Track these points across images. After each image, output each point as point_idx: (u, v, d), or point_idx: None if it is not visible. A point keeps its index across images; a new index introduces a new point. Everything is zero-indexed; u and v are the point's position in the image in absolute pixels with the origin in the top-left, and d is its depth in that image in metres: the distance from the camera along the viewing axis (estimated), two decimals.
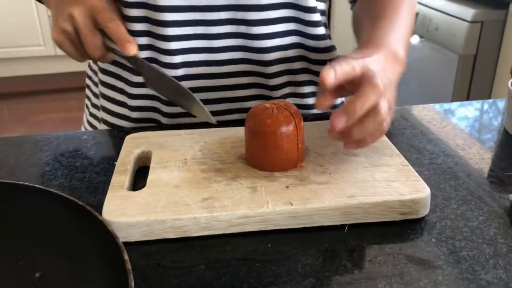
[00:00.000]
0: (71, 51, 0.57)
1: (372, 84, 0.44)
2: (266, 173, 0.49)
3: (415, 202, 0.45)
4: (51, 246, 0.39)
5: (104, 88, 0.71)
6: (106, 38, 0.55)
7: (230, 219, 0.44)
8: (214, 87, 0.67)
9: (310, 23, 0.66)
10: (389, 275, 0.39)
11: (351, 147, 0.49)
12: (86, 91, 0.78)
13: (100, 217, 0.38)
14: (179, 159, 0.52)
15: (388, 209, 0.45)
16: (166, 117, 0.68)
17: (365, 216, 0.45)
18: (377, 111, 0.45)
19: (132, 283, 0.32)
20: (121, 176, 0.49)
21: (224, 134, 0.57)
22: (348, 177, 0.48)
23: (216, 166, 0.51)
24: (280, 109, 0.49)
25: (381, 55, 0.50)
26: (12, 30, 2.96)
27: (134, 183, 0.51)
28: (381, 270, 0.40)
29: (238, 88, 0.68)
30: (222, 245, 0.43)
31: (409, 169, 0.50)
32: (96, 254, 0.37)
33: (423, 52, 2.05)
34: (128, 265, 0.33)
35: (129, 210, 0.44)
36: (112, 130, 0.66)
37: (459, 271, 0.40)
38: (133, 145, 0.55)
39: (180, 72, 0.64)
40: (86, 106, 0.78)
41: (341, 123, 0.44)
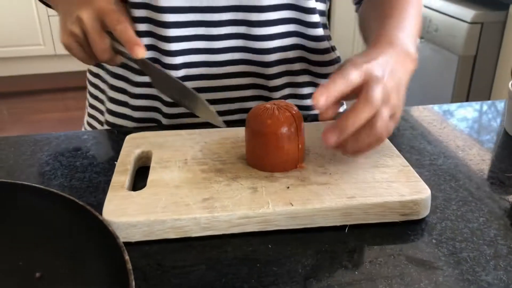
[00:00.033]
0: (80, 54, 0.57)
1: (367, 99, 0.44)
2: (266, 173, 0.49)
3: (415, 203, 0.45)
4: (51, 246, 0.39)
5: (108, 89, 0.71)
6: (114, 40, 0.55)
7: (231, 219, 0.44)
8: (214, 88, 0.66)
9: (310, 24, 0.66)
10: (389, 276, 0.39)
11: (348, 155, 0.49)
12: (87, 92, 0.78)
13: (100, 217, 0.38)
14: (180, 159, 0.52)
15: (388, 210, 0.45)
16: (166, 118, 0.67)
17: (365, 217, 0.45)
18: (372, 124, 0.45)
19: (133, 283, 0.32)
20: (121, 176, 0.49)
21: (225, 134, 0.57)
22: (349, 178, 0.48)
23: (217, 166, 0.51)
24: (281, 109, 0.49)
25: (392, 53, 0.49)
26: (11, 29, 2.96)
27: (134, 183, 0.51)
28: (382, 271, 0.40)
29: (238, 88, 0.68)
30: (223, 245, 0.43)
31: (409, 170, 0.50)
32: (97, 254, 0.37)
33: (423, 53, 2.05)
34: (129, 265, 0.33)
35: (130, 210, 0.44)
36: (112, 130, 0.66)
37: (459, 272, 0.40)
38: (134, 145, 0.55)
39: (181, 73, 0.64)
40: (86, 107, 0.79)
41: (333, 140, 0.45)
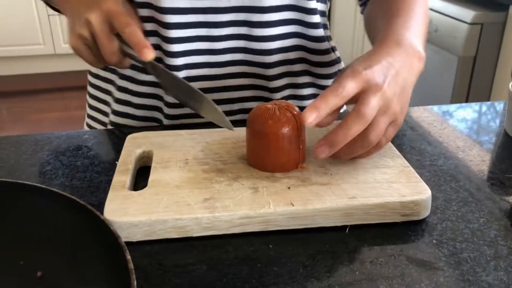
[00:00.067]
0: (88, 57, 0.56)
1: (358, 113, 0.44)
2: (267, 173, 0.49)
3: (416, 203, 0.45)
4: (52, 245, 0.39)
5: (115, 90, 0.71)
6: (123, 43, 0.54)
7: (232, 219, 0.44)
8: (215, 88, 0.67)
9: (311, 25, 0.66)
10: (390, 276, 0.40)
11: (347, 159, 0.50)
12: (87, 94, 0.78)
13: (102, 216, 0.38)
14: (181, 159, 0.52)
15: (389, 210, 0.45)
16: (168, 119, 0.68)
17: (366, 217, 0.45)
18: (366, 136, 0.45)
19: (134, 282, 0.32)
20: (122, 176, 0.49)
21: (226, 134, 0.57)
22: (349, 178, 0.49)
23: (218, 166, 0.51)
24: (282, 110, 0.49)
25: (399, 54, 0.49)
26: (11, 29, 2.95)
27: (135, 183, 0.51)
28: (382, 271, 0.40)
29: (238, 89, 0.68)
30: (224, 245, 0.43)
31: (410, 170, 0.50)
32: (98, 254, 0.37)
33: None
34: (131, 265, 0.33)
35: (131, 210, 0.44)
36: (113, 130, 0.66)
37: (460, 273, 0.40)
38: (134, 145, 0.55)
39: (182, 74, 0.64)
40: (86, 108, 0.79)
41: (324, 154, 0.46)
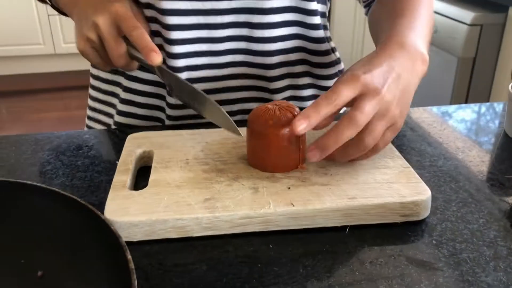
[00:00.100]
0: (96, 60, 0.56)
1: (351, 119, 0.44)
2: (267, 174, 0.49)
3: (416, 204, 0.46)
4: (53, 245, 0.39)
5: (113, 87, 0.71)
6: (131, 46, 0.54)
7: (232, 219, 0.44)
8: (216, 89, 0.67)
9: (311, 26, 0.66)
10: (390, 277, 0.40)
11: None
12: (88, 96, 0.78)
13: (102, 216, 0.38)
14: (181, 159, 0.52)
15: (389, 211, 0.45)
16: (170, 120, 0.68)
17: (366, 218, 0.45)
18: (361, 140, 0.45)
19: (135, 282, 0.32)
20: (123, 176, 0.49)
21: (226, 134, 0.57)
22: (349, 179, 0.49)
23: (218, 166, 0.51)
24: (282, 110, 0.49)
25: (401, 56, 0.49)
26: (11, 28, 2.96)
27: (136, 183, 0.51)
28: (382, 272, 0.40)
29: (239, 90, 0.68)
30: (224, 245, 0.43)
31: (410, 171, 0.50)
32: (98, 254, 0.37)
33: None
34: (131, 265, 0.33)
35: (131, 210, 0.44)
36: (113, 130, 0.66)
37: (459, 273, 0.40)
38: (135, 145, 0.55)
39: (184, 75, 0.64)
40: (87, 110, 0.79)
41: (315, 158, 0.46)
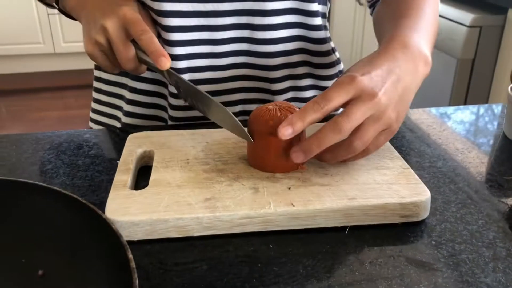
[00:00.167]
0: (104, 63, 0.56)
1: (335, 125, 0.44)
2: (268, 174, 0.50)
3: (415, 205, 0.46)
4: (54, 244, 0.40)
5: (118, 88, 0.71)
6: (139, 50, 0.54)
7: (232, 219, 0.44)
8: (218, 91, 0.67)
9: (312, 27, 0.66)
10: (389, 277, 0.40)
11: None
12: (92, 100, 0.78)
13: (103, 215, 0.38)
14: (182, 159, 0.52)
15: (388, 211, 0.46)
16: (172, 121, 0.68)
17: (366, 218, 0.46)
18: (350, 144, 0.45)
19: (136, 282, 0.32)
20: (123, 175, 0.49)
21: (226, 134, 0.57)
22: (349, 179, 0.49)
23: (218, 166, 0.51)
24: (283, 110, 0.49)
25: (402, 57, 0.49)
26: (11, 28, 2.95)
27: (137, 183, 0.51)
28: (382, 272, 0.40)
29: (241, 91, 0.68)
30: (224, 245, 0.43)
31: (409, 172, 0.50)
32: (99, 253, 0.37)
33: None
34: (132, 264, 0.33)
35: (132, 209, 0.44)
36: (114, 129, 0.66)
37: (458, 274, 0.40)
38: (136, 144, 0.55)
39: (185, 77, 0.64)
40: (90, 113, 0.79)
41: (299, 160, 0.46)
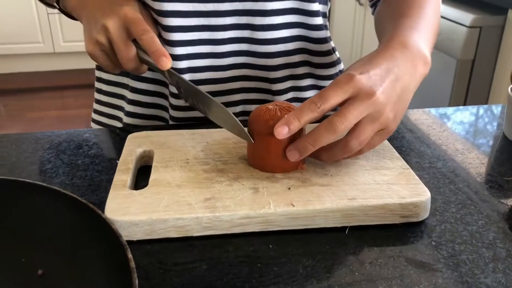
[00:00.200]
0: (105, 63, 0.56)
1: (331, 126, 0.44)
2: (267, 174, 0.50)
3: (415, 205, 0.46)
4: (54, 243, 0.39)
5: (119, 89, 0.71)
6: (140, 50, 0.54)
7: (232, 219, 0.44)
8: (218, 92, 0.66)
9: (313, 27, 0.66)
10: (389, 277, 0.40)
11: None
12: (94, 101, 0.78)
13: (103, 215, 0.38)
14: (181, 159, 0.52)
15: (388, 211, 0.46)
16: (173, 121, 0.68)
17: (365, 219, 0.46)
18: (346, 143, 0.46)
19: (136, 281, 0.32)
20: (123, 175, 0.49)
21: (226, 134, 0.57)
22: (349, 180, 0.49)
23: (218, 166, 0.51)
24: (283, 110, 0.49)
25: (402, 57, 0.48)
26: (11, 27, 2.95)
27: (136, 182, 0.51)
28: (382, 272, 0.40)
29: (242, 91, 0.68)
30: (224, 245, 0.43)
31: (409, 172, 0.50)
32: (99, 252, 0.37)
33: None
34: (132, 264, 0.33)
35: (132, 209, 0.44)
36: (114, 129, 0.66)
37: (458, 275, 0.40)
38: (135, 144, 0.55)
39: (186, 77, 0.64)
40: (92, 114, 0.79)
41: (294, 158, 0.47)
